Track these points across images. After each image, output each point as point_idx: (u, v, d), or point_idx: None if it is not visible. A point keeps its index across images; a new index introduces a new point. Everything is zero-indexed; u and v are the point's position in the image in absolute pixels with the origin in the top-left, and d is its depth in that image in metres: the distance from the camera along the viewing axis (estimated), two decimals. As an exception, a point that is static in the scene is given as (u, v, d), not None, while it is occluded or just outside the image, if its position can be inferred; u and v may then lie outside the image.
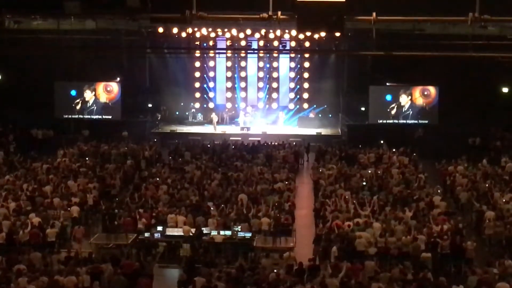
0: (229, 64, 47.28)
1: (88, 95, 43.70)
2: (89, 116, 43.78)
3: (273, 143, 38.95)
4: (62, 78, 43.15)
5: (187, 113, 46.66)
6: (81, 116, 43.74)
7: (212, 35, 42.67)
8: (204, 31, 41.66)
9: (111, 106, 43.75)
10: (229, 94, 47.53)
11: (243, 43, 43.63)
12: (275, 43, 43.57)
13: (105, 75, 43.51)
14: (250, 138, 41.17)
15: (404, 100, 42.40)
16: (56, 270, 20.42)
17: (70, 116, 43.70)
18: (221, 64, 47.40)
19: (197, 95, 47.40)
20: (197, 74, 47.36)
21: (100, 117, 43.83)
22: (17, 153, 35.91)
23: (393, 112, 42.38)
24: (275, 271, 20.53)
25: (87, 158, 35.35)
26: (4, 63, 40.51)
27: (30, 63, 38.28)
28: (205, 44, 44.34)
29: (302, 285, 19.60)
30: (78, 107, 43.59)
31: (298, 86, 47.13)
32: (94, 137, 39.89)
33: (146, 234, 24.85)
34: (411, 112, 42.45)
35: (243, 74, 47.29)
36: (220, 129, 44.07)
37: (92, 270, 20.46)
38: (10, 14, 31.09)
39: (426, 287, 19.94)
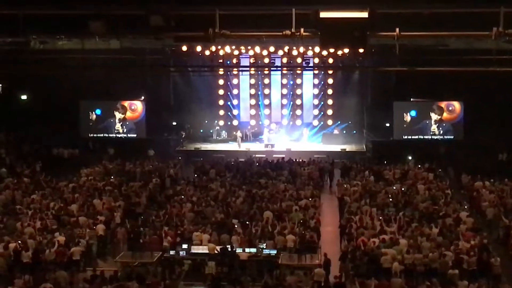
0: (253, 81, 47.37)
1: (113, 114, 44.06)
2: (114, 135, 44.10)
3: (297, 160, 38.87)
4: (87, 97, 43.50)
5: (211, 131, 46.76)
6: (106, 135, 44.07)
7: (236, 52, 42.83)
8: (227, 48, 41.81)
9: (136, 124, 44.06)
10: (253, 111, 47.60)
11: (266, 60, 43.73)
12: (299, 60, 43.64)
13: (129, 94, 43.87)
14: (274, 155, 41.13)
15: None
16: (82, 288, 20.50)
17: (95, 135, 44.03)
18: (244, 81, 47.51)
19: (221, 112, 47.53)
20: (221, 92, 47.52)
21: (125, 135, 44.14)
22: (43, 172, 36.14)
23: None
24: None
25: (112, 177, 35.49)
26: (30, 83, 40.92)
27: (55, 83, 38.61)
28: (228, 62, 44.48)
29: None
30: (103, 125, 43.96)
31: (322, 103, 47.09)
32: (119, 155, 40.10)
33: (172, 252, 24.86)
34: (439, 128, 42.41)
35: (266, 91, 47.35)
36: (244, 146, 44.07)
37: (118, 288, 20.51)
38: (35, 34, 31.34)
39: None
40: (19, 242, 24.59)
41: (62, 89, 39.82)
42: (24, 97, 43.65)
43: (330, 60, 43.27)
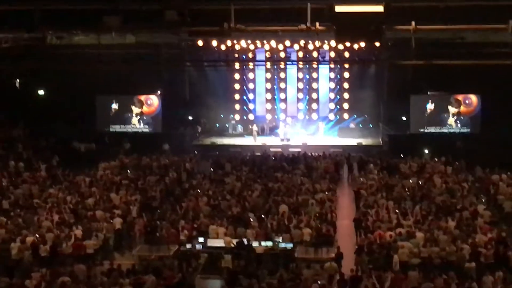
0: (269, 75, 47.37)
1: (130, 108, 44.23)
2: (131, 129, 44.22)
3: (313, 154, 38.82)
4: (103, 92, 43.61)
5: (227, 125, 46.84)
6: (123, 129, 44.19)
7: (251, 47, 42.84)
8: (243, 43, 41.83)
9: (151, 119, 44.17)
10: (269, 106, 47.61)
11: (282, 54, 43.73)
12: (314, 54, 43.60)
13: (145, 89, 43.93)
14: (290, 149, 41.11)
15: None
16: (99, 282, 20.57)
17: (112, 130, 44.18)
18: (260, 75, 47.52)
19: (237, 107, 47.57)
20: (237, 86, 47.55)
21: (141, 130, 44.25)
22: (60, 166, 36.30)
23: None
24: (318, 282, 20.40)
25: (128, 171, 35.61)
26: (47, 78, 41.11)
27: (72, 78, 38.77)
28: (244, 56, 44.50)
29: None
30: (119, 120, 44.16)
31: (338, 97, 47.01)
32: (135, 149, 40.21)
33: (188, 246, 24.90)
34: (456, 122, 42.32)
35: (282, 85, 47.33)
36: (260, 141, 44.08)
37: (135, 281, 20.57)
38: (52, 30, 31.57)
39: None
40: (37, 235, 24.74)
41: (79, 84, 39.94)
42: (41, 92, 43.88)
43: (346, 54, 43.19)
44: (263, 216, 26.96)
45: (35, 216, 27.27)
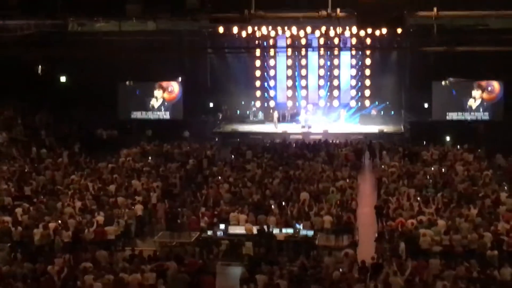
0: (290, 62, 47.24)
1: (152, 94, 44.32)
2: (152, 116, 44.33)
3: (334, 141, 38.73)
4: (124, 79, 43.71)
5: (248, 112, 46.81)
6: (144, 116, 44.32)
7: (272, 33, 42.72)
8: (264, 30, 41.73)
9: (172, 106, 44.23)
10: (290, 93, 47.50)
11: (303, 41, 43.59)
12: (336, 41, 43.41)
13: (166, 75, 43.99)
14: (311, 136, 41.03)
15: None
16: (121, 268, 20.70)
17: (134, 117, 44.32)
18: (281, 62, 47.39)
19: (258, 93, 47.50)
20: (258, 73, 47.46)
21: (162, 117, 44.33)
22: (82, 153, 36.49)
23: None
24: (340, 270, 20.38)
25: (150, 158, 35.72)
26: (69, 64, 41.25)
27: (93, 65, 38.87)
28: (265, 43, 44.40)
29: (366, 283, 19.46)
30: (141, 106, 44.28)
31: (359, 83, 46.79)
32: (156, 137, 40.30)
33: (209, 233, 24.97)
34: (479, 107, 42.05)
35: (303, 72, 47.19)
36: (281, 128, 44.04)
37: (157, 268, 20.68)
38: (74, 17, 31.64)
39: (492, 286, 19.60)
40: (59, 222, 24.91)
41: (100, 71, 40.05)
42: (63, 79, 44.02)
43: (368, 40, 42.97)
44: (283, 204, 26.96)
45: (57, 202, 27.44)
